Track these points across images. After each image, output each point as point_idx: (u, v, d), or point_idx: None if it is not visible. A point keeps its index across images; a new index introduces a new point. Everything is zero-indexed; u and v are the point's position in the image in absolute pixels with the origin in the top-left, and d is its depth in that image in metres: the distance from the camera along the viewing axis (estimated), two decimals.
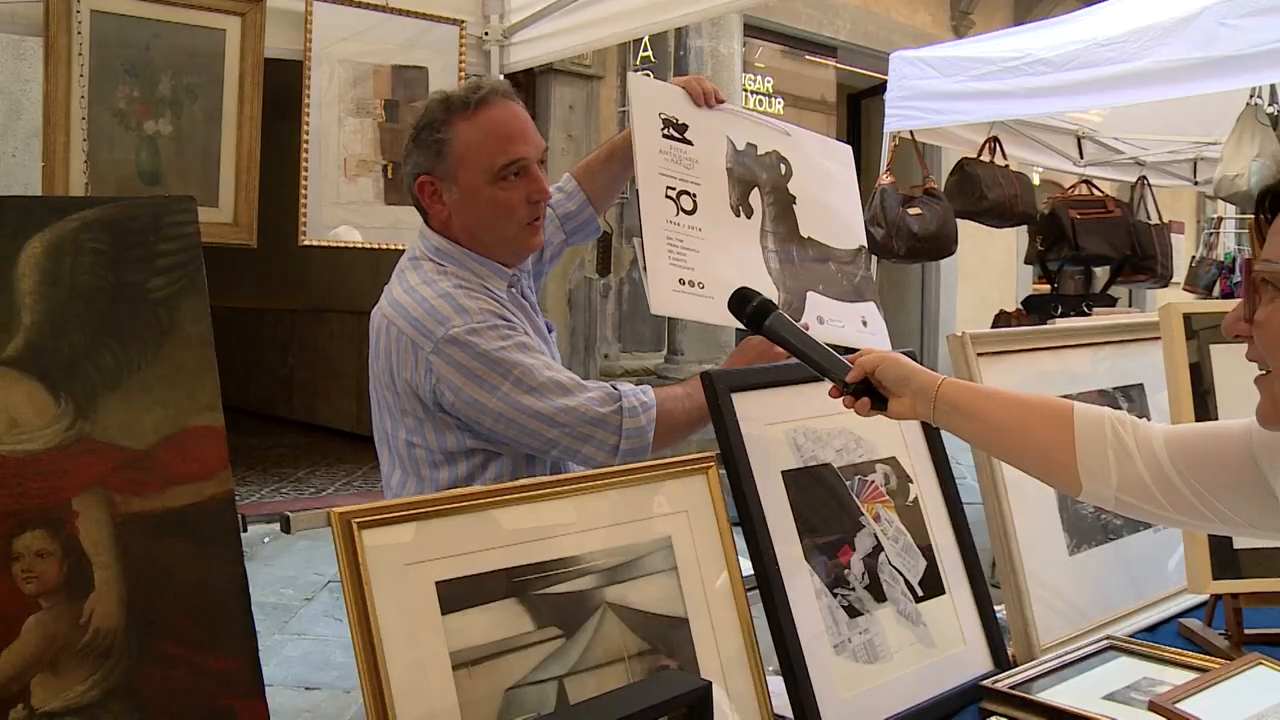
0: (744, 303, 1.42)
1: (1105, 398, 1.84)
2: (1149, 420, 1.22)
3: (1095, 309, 5.09)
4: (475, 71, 3.67)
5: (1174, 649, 1.52)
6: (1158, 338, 1.69)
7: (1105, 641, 1.55)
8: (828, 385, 1.35)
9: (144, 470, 1.11)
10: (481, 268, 1.72)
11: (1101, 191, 5.97)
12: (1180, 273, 6.60)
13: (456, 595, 1.07)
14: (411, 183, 1.74)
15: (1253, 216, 1.09)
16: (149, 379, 1.13)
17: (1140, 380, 1.91)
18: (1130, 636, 1.59)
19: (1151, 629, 1.69)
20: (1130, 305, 9.11)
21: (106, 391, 1.11)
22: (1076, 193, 5.85)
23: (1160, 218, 6.08)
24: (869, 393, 1.31)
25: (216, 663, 1.11)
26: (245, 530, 1.43)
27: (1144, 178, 6.21)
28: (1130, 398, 1.89)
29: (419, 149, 1.71)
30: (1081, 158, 6.06)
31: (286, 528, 1.32)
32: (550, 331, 1.87)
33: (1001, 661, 1.51)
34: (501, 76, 3.70)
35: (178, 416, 1.14)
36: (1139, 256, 5.72)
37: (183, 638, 1.10)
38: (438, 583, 1.07)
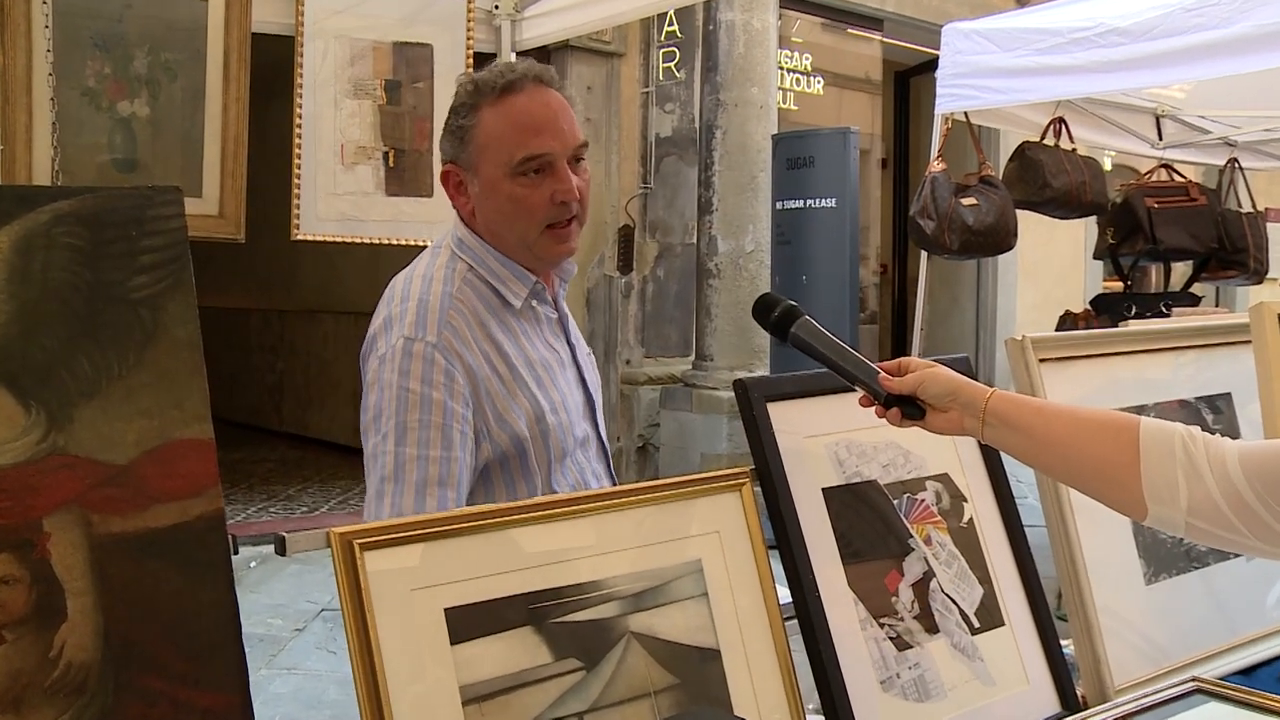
0: (768, 310, 1.41)
1: (1187, 409, 1.82)
2: (1233, 435, 1.21)
3: (1175, 309, 5.05)
4: (485, 50, 3.69)
5: (1275, 696, 1.49)
6: (1248, 341, 1.68)
7: (1191, 684, 1.53)
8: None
9: (124, 487, 1.12)
10: (502, 268, 1.73)
11: (1184, 177, 5.91)
12: (1278, 267, 6.52)
13: (467, 623, 1.08)
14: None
15: None
16: (131, 387, 1.14)
17: (1228, 389, 1.89)
18: (1221, 679, 1.57)
19: (1247, 672, 1.67)
20: (1217, 305, 9.03)
21: (83, 400, 1.12)
22: (1154, 179, 5.80)
23: (1254, 205, 6.00)
24: (902, 401, 1.32)
25: (203, 699, 1.12)
26: (236, 552, 1.44)
27: (1234, 160, 6.12)
28: (1217, 409, 1.87)
29: (446, 135, 1.75)
30: (1160, 139, 6.00)
31: (281, 549, 1.32)
32: (577, 349, 1.85)
33: (1070, 703, 1.51)
34: (514, 55, 3.72)
35: (162, 428, 1.15)
36: (1227, 250, 5.65)
37: (166, 671, 1.10)
38: (447, 610, 1.08)
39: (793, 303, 1.41)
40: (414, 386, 1.59)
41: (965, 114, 4.99)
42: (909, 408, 1.31)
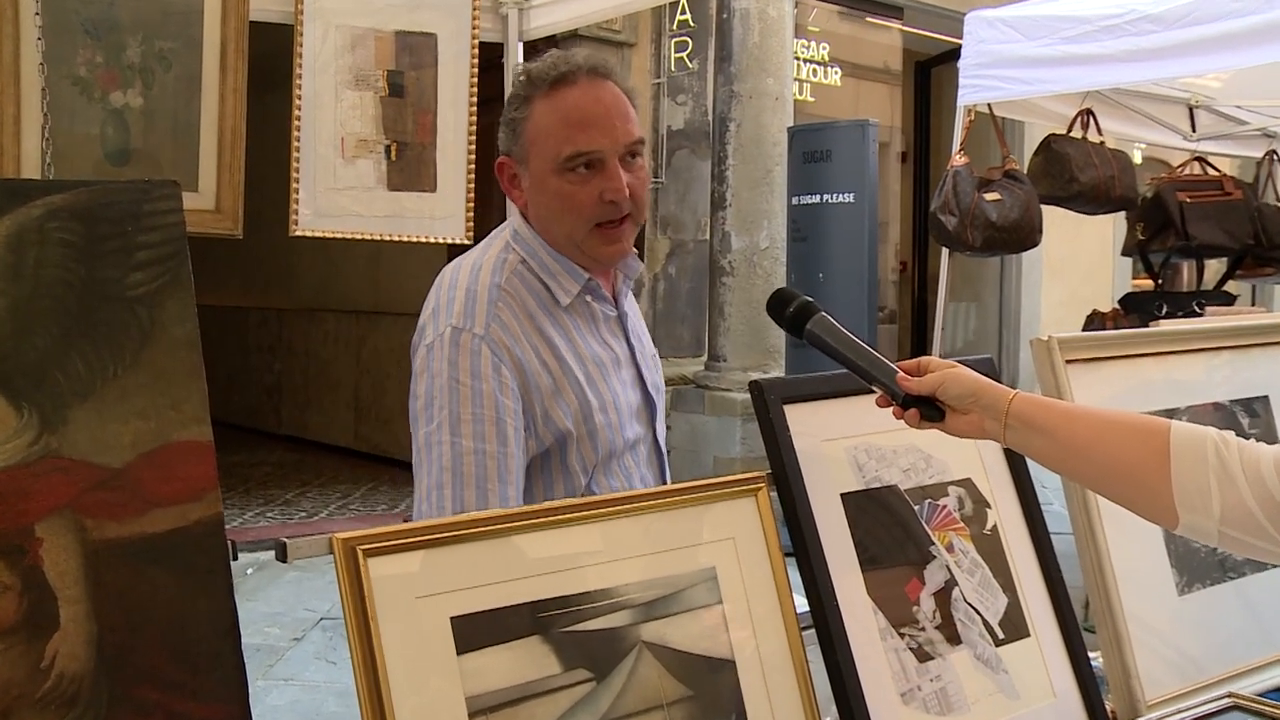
0: (783, 305, 1.42)
1: (1222, 412, 1.82)
2: (1271, 440, 1.21)
3: (1209, 308, 5.03)
4: (491, 40, 3.69)
5: None
6: None
7: (1228, 699, 1.53)
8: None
9: (120, 491, 1.12)
10: (555, 263, 1.75)
11: (1218, 170, 5.88)
12: None
13: (474, 632, 1.09)
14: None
15: None
16: (127, 387, 1.15)
17: (1265, 392, 1.89)
18: (1260, 695, 1.57)
19: None
20: (1253, 304, 8.99)
21: (77, 401, 1.12)
22: (1187, 172, 5.78)
23: None
24: (920, 402, 1.32)
25: (200, 710, 1.12)
26: (236, 558, 1.44)
27: (1273, 152, 6.09)
28: (1254, 412, 1.86)
29: (501, 126, 1.78)
30: (1194, 131, 5.97)
31: (283, 556, 1.32)
32: (637, 349, 1.86)
33: (1099, 718, 1.51)
34: (520, 45, 3.72)
35: (159, 430, 1.15)
36: (1264, 246, 5.63)
37: (162, 682, 1.11)
38: (453, 618, 1.08)
39: (809, 298, 1.42)
40: (464, 379, 1.62)
41: (989, 106, 4.98)
42: (928, 409, 1.32)
